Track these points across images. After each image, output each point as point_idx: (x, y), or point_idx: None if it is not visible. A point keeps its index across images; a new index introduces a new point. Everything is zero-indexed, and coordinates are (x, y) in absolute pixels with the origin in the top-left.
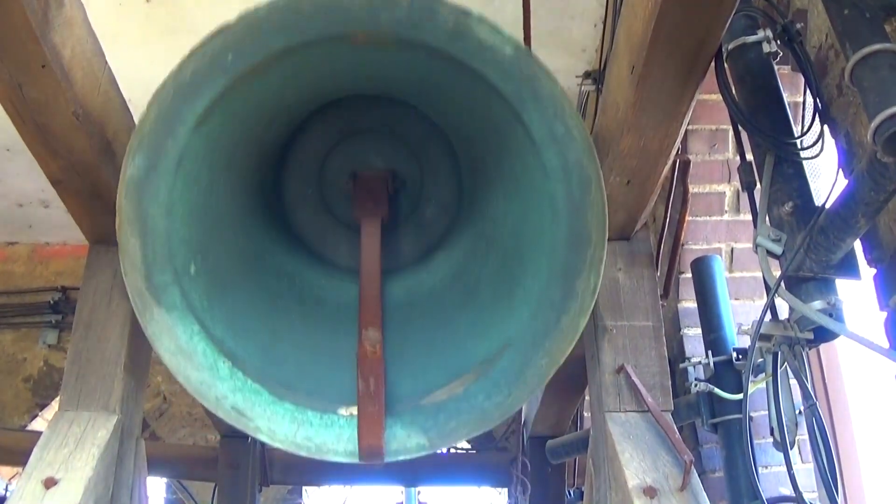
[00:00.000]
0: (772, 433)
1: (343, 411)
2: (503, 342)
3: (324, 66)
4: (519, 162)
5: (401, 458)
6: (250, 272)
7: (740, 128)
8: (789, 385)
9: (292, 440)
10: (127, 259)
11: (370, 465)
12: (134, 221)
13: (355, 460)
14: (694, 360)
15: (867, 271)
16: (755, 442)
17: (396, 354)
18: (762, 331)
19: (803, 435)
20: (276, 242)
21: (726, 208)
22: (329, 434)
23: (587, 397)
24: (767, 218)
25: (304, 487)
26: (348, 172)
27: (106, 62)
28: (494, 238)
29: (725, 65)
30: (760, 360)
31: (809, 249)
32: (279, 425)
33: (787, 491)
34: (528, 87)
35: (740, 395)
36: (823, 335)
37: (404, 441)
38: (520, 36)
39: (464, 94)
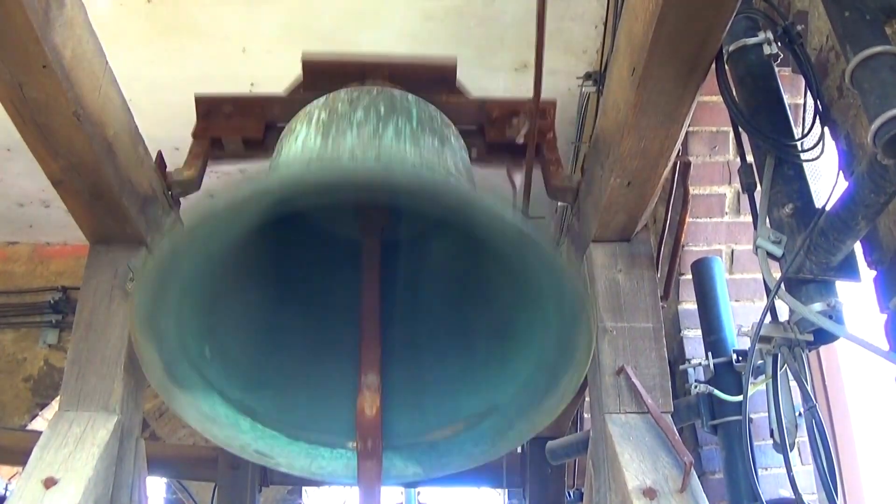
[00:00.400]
0: (772, 435)
1: (350, 445)
2: (491, 404)
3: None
4: (519, 271)
5: (399, 483)
6: (258, 332)
7: (741, 129)
8: (789, 387)
9: (307, 469)
10: (145, 361)
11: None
12: (148, 335)
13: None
14: (694, 361)
15: (867, 273)
16: (755, 444)
17: (397, 392)
18: (762, 332)
19: (803, 437)
20: (280, 300)
21: (726, 210)
22: (338, 464)
23: (587, 398)
24: (768, 220)
25: (303, 488)
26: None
27: (107, 62)
28: (492, 301)
29: (726, 66)
30: (760, 361)
31: (809, 251)
32: (296, 460)
33: (787, 493)
34: (531, 251)
35: (740, 397)
36: (823, 337)
37: (402, 469)
38: (520, 38)
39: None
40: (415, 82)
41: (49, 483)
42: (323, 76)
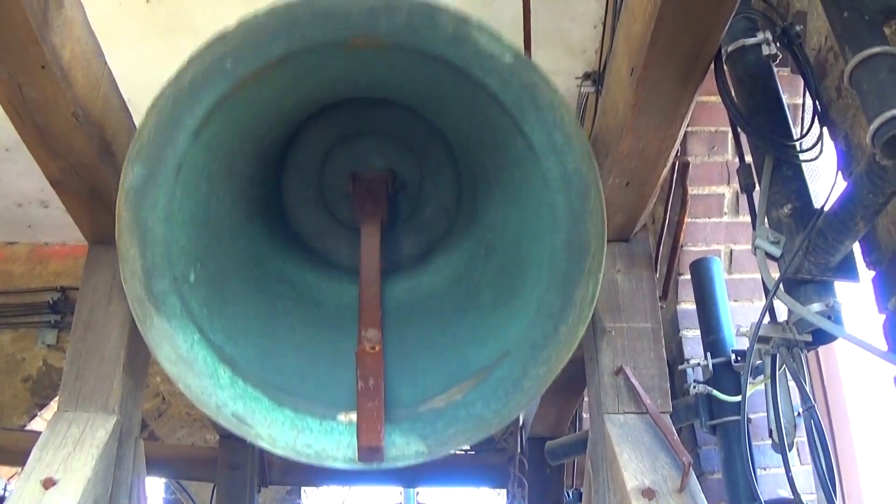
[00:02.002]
0: (770, 435)
1: (342, 417)
2: (502, 350)
3: (323, 71)
4: (519, 170)
5: (400, 464)
6: (250, 278)
7: (739, 130)
8: (788, 387)
9: (292, 447)
10: (126, 267)
11: (370, 463)
12: (133, 230)
13: (354, 467)
14: (693, 361)
15: (866, 274)
16: (754, 444)
17: (396, 359)
18: (761, 333)
19: (802, 437)
20: (276, 247)
21: (725, 210)
22: (328, 440)
23: (586, 398)
24: (766, 220)
25: (302, 488)
26: (348, 174)
27: (105, 63)
28: (494, 244)
29: (725, 67)
30: (759, 361)
31: (808, 252)
32: (279, 432)
33: (786, 493)
34: (528, 95)
35: (739, 397)
36: (822, 337)
37: (403, 448)
38: (519, 38)
39: (464, 100)
40: None
41: (48, 483)
42: None
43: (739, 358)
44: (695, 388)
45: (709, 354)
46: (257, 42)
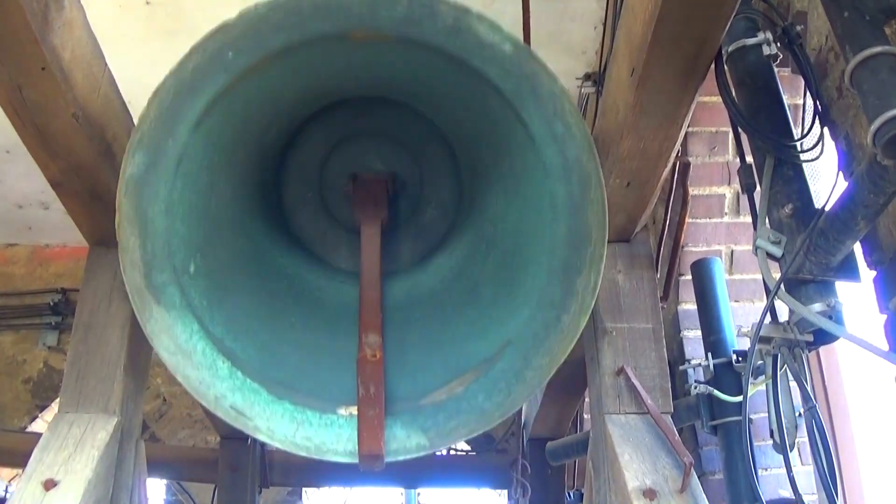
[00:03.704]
0: (771, 435)
1: (342, 411)
2: (503, 341)
3: (324, 65)
4: (519, 160)
5: (401, 458)
6: (250, 272)
7: (740, 130)
8: (789, 387)
9: (291, 440)
10: (126, 257)
11: (371, 469)
12: (133, 220)
13: (354, 460)
14: (694, 362)
15: (867, 274)
16: (755, 444)
17: (396, 355)
18: (762, 333)
19: (803, 437)
20: (276, 243)
21: (726, 210)
22: (328, 434)
23: (587, 399)
24: (767, 220)
25: (303, 489)
26: (348, 175)
27: (106, 64)
28: (495, 238)
29: (725, 67)
30: (760, 362)
31: (809, 252)
32: (278, 424)
33: (787, 493)
34: (528, 84)
35: (740, 398)
36: (823, 337)
37: (404, 441)
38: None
39: (463, 93)
40: None
41: (49, 485)
42: None
43: (740, 358)
44: (696, 388)
45: (710, 355)
46: (258, 33)
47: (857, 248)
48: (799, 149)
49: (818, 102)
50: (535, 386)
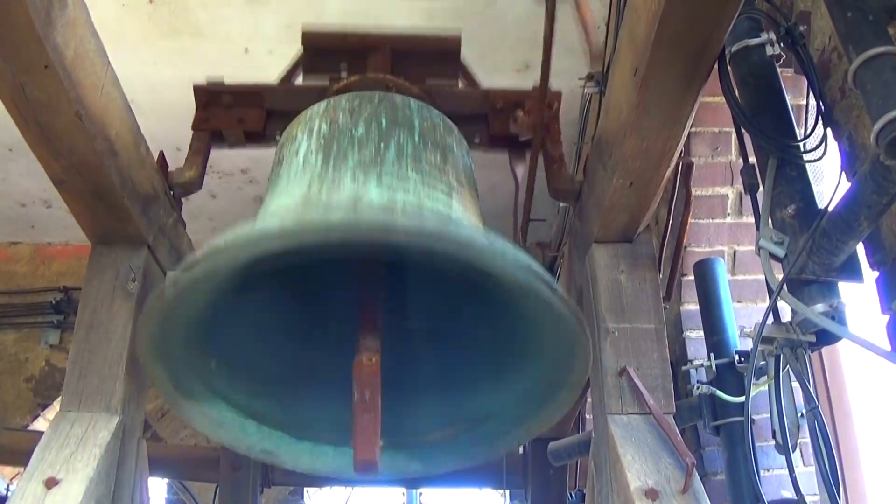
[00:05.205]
0: (774, 436)
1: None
2: (488, 412)
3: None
4: (521, 305)
5: (401, 476)
6: (261, 341)
7: (743, 130)
8: (791, 388)
9: (312, 467)
10: (155, 380)
11: (366, 475)
12: (158, 362)
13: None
14: (696, 362)
15: (870, 274)
16: (757, 444)
17: (394, 395)
18: (764, 333)
19: (805, 438)
20: (281, 305)
21: (729, 211)
22: (342, 461)
23: (589, 399)
24: (770, 220)
25: (305, 489)
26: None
27: (109, 62)
28: (491, 319)
29: (728, 67)
30: (762, 362)
31: (812, 252)
32: (300, 459)
33: (789, 494)
34: (540, 306)
35: (742, 398)
36: (826, 338)
37: (403, 466)
38: (522, 38)
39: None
40: (418, 57)
41: (50, 483)
42: (323, 55)
43: (743, 359)
44: (698, 388)
45: (712, 355)
46: (239, 260)
47: (860, 248)
48: (802, 149)
49: (821, 103)
50: (516, 446)
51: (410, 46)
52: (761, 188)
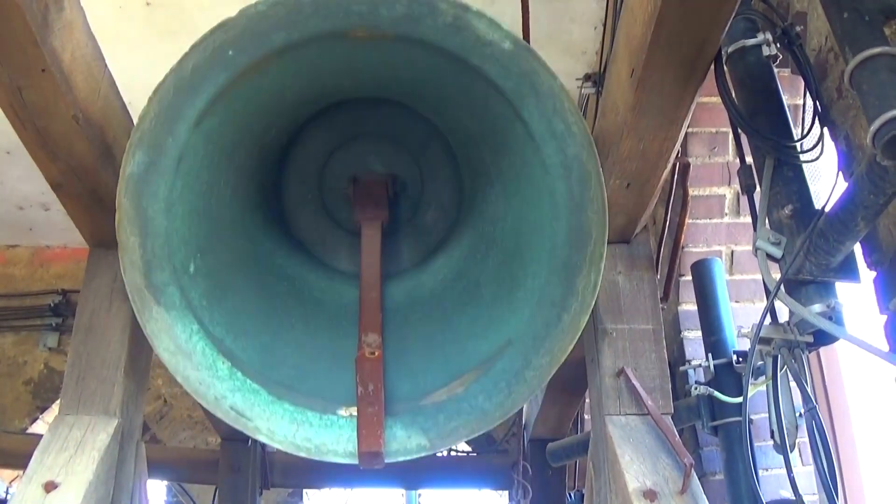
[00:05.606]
0: (772, 436)
1: (342, 412)
2: (504, 341)
3: (323, 65)
4: (518, 159)
5: (401, 458)
6: (250, 273)
7: (740, 131)
8: (789, 388)
9: (291, 440)
10: (126, 256)
11: (371, 468)
12: (133, 219)
13: (355, 461)
14: (694, 362)
15: (867, 274)
16: (755, 445)
17: (396, 356)
18: (762, 334)
19: (803, 438)
20: (277, 244)
21: (726, 211)
22: (328, 434)
23: (587, 400)
24: (767, 221)
25: (304, 490)
26: (348, 176)
27: (106, 65)
28: (495, 238)
29: (725, 68)
30: (760, 362)
31: (809, 252)
32: (278, 425)
33: (788, 494)
34: (527, 82)
35: (740, 398)
36: (823, 338)
37: (404, 442)
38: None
39: (463, 92)
40: None
41: (49, 487)
42: None
43: (741, 359)
44: (696, 389)
45: (710, 355)
46: (258, 31)
47: (857, 248)
48: (799, 149)
49: (818, 103)
50: (536, 386)
51: None
52: (758, 188)
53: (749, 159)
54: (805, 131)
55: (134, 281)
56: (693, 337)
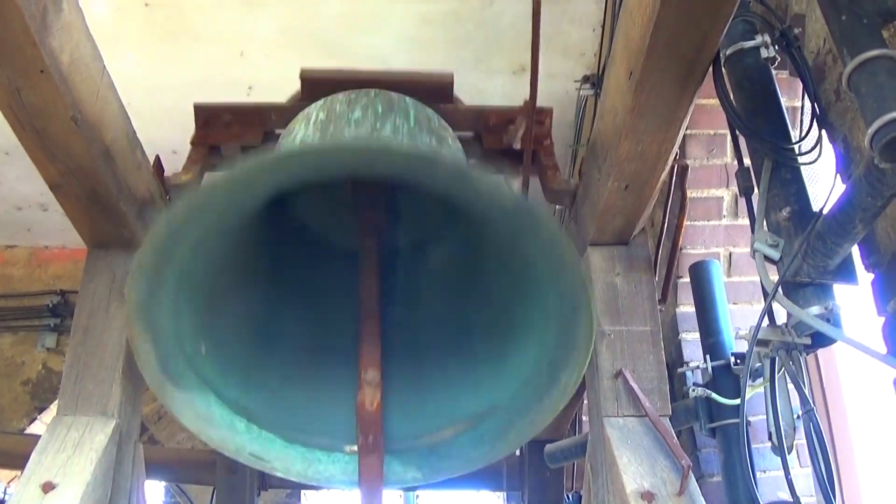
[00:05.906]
0: (770, 438)
1: (347, 449)
2: (491, 404)
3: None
4: (517, 260)
5: (398, 487)
6: (255, 334)
7: (738, 133)
8: (787, 390)
9: (304, 474)
10: (141, 360)
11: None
12: (144, 332)
13: (356, 488)
14: (692, 364)
15: (865, 276)
16: (753, 446)
17: (395, 392)
18: (760, 336)
19: (801, 440)
20: (278, 299)
21: (724, 213)
22: (335, 468)
23: (585, 402)
24: (765, 223)
25: (302, 491)
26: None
27: (104, 67)
28: (491, 293)
29: (723, 70)
30: (758, 364)
31: (807, 254)
32: (292, 464)
33: (785, 496)
34: (528, 230)
35: (738, 400)
36: (821, 340)
37: (401, 474)
38: (519, 41)
39: (464, 220)
40: (412, 96)
41: (47, 487)
42: (321, 88)
43: (739, 361)
44: (694, 391)
45: (708, 357)
46: (248, 189)
47: (855, 250)
48: (797, 152)
49: (816, 105)
50: (517, 445)
51: (404, 86)
52: (756, 190)
53: (747, 161)
54: (803, 133)
55: (153, 378)
56: (691, 339)
